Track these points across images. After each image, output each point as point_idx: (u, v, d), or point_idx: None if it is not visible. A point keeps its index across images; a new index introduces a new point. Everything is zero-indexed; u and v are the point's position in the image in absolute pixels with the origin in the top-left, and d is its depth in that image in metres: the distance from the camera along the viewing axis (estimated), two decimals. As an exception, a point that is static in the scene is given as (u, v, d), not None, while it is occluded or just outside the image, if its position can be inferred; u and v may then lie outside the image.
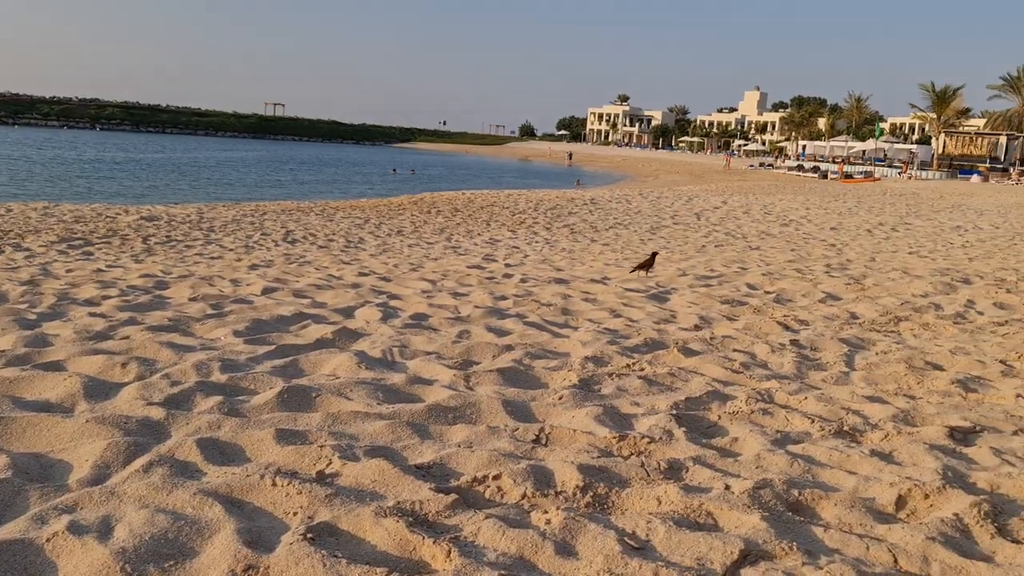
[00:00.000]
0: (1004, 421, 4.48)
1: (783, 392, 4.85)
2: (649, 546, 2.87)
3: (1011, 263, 11.79)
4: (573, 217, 18.96)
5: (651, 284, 8.82)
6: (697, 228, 17.01)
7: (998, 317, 7.44)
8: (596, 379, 4.96)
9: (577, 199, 25.60)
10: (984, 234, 16.92)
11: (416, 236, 14.28)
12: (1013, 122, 71.07)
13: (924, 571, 2.79)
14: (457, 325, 6.28)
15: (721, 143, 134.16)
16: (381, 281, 8.42)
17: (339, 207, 21.09)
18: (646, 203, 24.55)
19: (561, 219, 18.38)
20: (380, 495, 3.17)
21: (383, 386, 4.55)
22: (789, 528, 3.03)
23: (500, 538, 2.84)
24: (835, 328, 6.76)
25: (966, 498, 3.29)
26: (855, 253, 12.76)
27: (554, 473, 3.39)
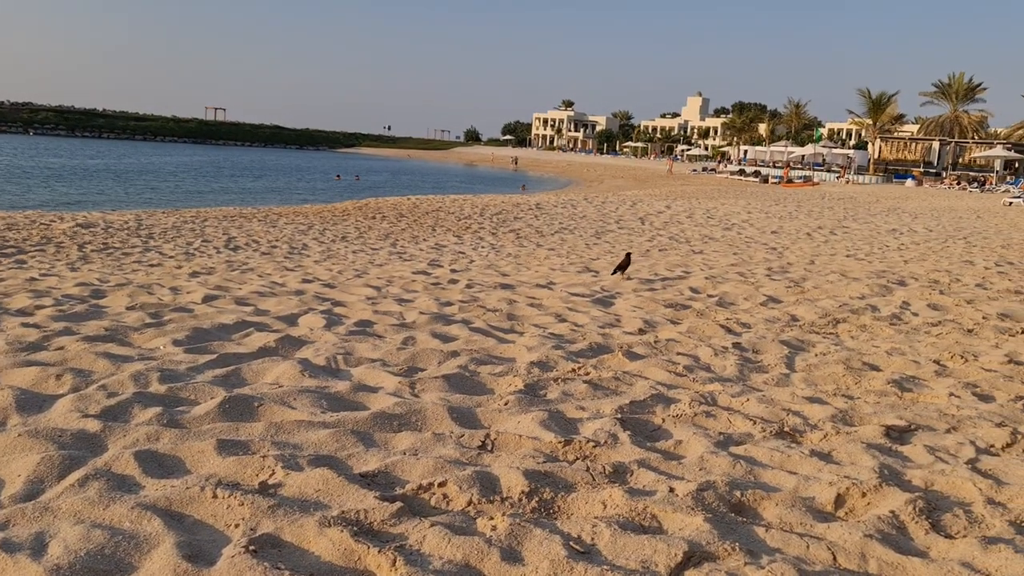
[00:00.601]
0: (938, 419, 4.60)
1: (726, 394, 4.92)
2: (594, 550, 2.89)
3: (944, 265, 12.14)
4: (519, 222, 19.01)
5: (596, 288, 8.88)
6: (641, 232, 17.19)
7: (932, 318, 7.66)
8: (542, 384, 4.97)
9: (523, 204, 25.67)
10: (918, 237, 17.40)
11: (361, 242, 14.16)
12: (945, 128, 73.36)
13: (862, 568, 2.85)
14: (402, 332, 6.25)
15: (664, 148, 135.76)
16: (325, 288, 8.33)
17: (282, 213, 20.83)
18: (591, 208, 24.73)
19: (507, 224, 18.41)
20: (324, 505, 3.13)
21: (327, 394, 4.50)
22: (732, 529, 3.07)
23: (446, 546, 2.83)
24: (776, 330, 6.88)
25: (901, 495, 3.37)
26: (795, 256, 13.01)
27: (500, 479, 3.39)
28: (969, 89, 74.84)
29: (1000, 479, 3.70)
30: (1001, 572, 2.80)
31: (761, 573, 2.72)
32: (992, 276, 10.91)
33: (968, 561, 2.88)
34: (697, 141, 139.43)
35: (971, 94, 75.06)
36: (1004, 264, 12.48)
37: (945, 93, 75.25)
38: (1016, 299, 8.95)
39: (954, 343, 6.60)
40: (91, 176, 40.68)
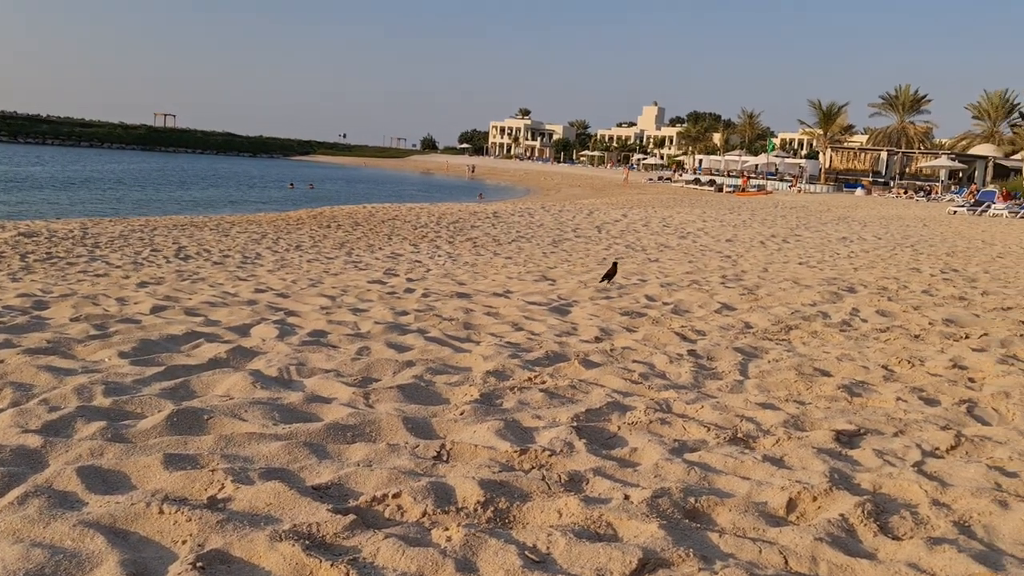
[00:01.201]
0: (886, 423, 4.68)
1: (681, 401, 4.96)
2: (550, 559, 2.88)
3: (892, 272, 12.39)
4: (476, 231, 19.00)
5: (553, 297, 8.90)
6: (598, 241, 17.28)
7: (880, 324, 7.80)
8: (498, 393, 4.95)
9: (480, 213, 25.66)
10: (868, 245, 17.74)
11: (315, 251, 14.03)
12: (892, 138, 75.08)
13: (813, 571, 2.88)
14: (357, 341, 6.19)
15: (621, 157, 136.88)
16: (278, 298, 8.23)
17: (235, 222, 20.56)
18: (548, 216, 24.81)
19: (464, 233, 18.38)
20: (275, 519, 3.08)
21: (279, 406, 4.43)
22: (686, 535, 3.09)
23: (400, 558, 2.80)
24: (730, 337, 6.95)
25: (851, 499, 3.42)
26: (749, 264, 13.18)
27: (455, 489, 3.37)
28: (915, 101, 76.73)
29: (945, 481, 3.78)
30: (946, 572, 2.85)
31: (714, 579, 2.73)
32: (938, 283, 11.16)
33: (914, 562, 2.93)
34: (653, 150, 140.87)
35: (917, 106, 76.96)
36: (949, 271, 12.78)
37: (892, 105, 77.08)
38: (960, 305, 9.16)
39: (901, 348, 6.73)
40: (34, 183, 39.72)
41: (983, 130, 72.94)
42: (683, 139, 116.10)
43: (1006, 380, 5.75)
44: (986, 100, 73.17)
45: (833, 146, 73.74)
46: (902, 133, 75.57)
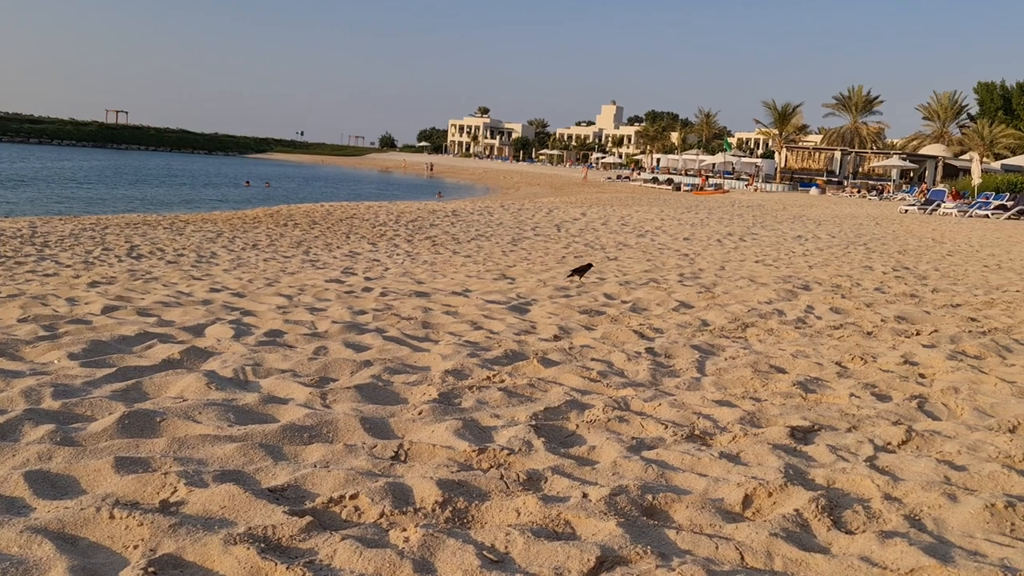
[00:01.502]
0: (839, 419, 4.75)
1: (638, 399, 4.98)
2: (508, 558, 2.87)
3: (845, 270, 12.60)
4: (435, 229, 18.93)
5: (512, 296, 8.89)
6: (557, 240, 17.32)
7: (834, 321, 7.92)
8: (456, 393, 4.94)
9: (439, 211, 25.59)
10: (822, 243, 18.02)
11: (272, 250, 13.87)
12: (846, 138, 76.44)
13: (768, 566, 2.92)
14: (314, 341, 6.13)
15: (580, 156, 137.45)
16: (234, 297, 8.11)
17: (189, 220, 20.25)
18: (507, 215, 24.82)
19: (423, 231, 18.31)
20: (230, 522, 3.03)
21: (234, 407, 4.37)
22: (644, 532, 3.10)
23: (357, 559, 2.77)
24: (687, 335, 7.01)
25: (805, 494, 3.47)
26: (706, 263, 13.31)
27: (413, 490, 3.35)
28: (868, 102, 78.16)
29: (896, 475, 3.85)
30: (897, 564, 2.90)
31: (672, 575, 2.75)
32: (890, 280, 11.38)
33: (867, 555, 2.98)
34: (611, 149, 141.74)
35: (869, 106, 78.42)
36: (900, 269, 13.04)
37: (846, 105, 78.44)
38: (911, 302, 9.35)
39: (855, 345, 6.84)
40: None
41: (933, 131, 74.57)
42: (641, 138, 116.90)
43: (955, 376, 5.87)
44: (936, 101, 74.81)
45: (788, 146, 74.80)
46: (855, 133, 76.97)
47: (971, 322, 8.07)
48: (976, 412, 4.98)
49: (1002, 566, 2.88)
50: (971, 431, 4.60)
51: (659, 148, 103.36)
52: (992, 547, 3.08)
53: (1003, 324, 8.01)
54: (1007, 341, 7.14)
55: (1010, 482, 3.78)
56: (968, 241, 19.91)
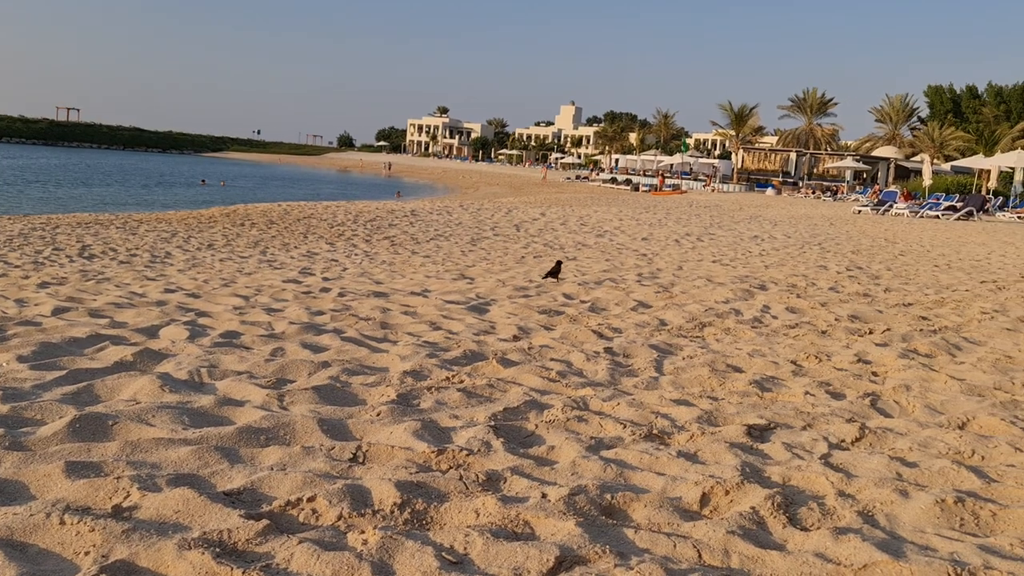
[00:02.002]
0: (795, 417, 4.82)
1: (597, 399, 5.01)
2: (467, 559, 2.87)
3: (801, 270, 12.79)
4: (394, 229, 18.83)
5: (471, 296, 8.88)
6: (516, 239, 17.34)
7: (790, 320, 8.04)
8: (415, 393, 4.91)
9: (397, 211, 25.47)
10: (778, 243, 18.27)
11: (228, 250, 13.69)
12: (801, 139, 77.64)
13: (725, 563, 2.95)
14: (271, 342, 6.06)
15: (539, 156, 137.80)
16: (189, 298, 7.99)
17: (143, 220, 19.91)
18: (467, 215, 24.78)
19: (381, 231, 18.21)
20: (184, 526, 2.98)
21: (189, 409, 4.30)
22: (603, 532, 3.12)
23: (315, 563, 2.74)
24: (646, 335, 7.06)
25: (761, 492, 3.51)
26: (664, 262, 13.41)
27: (371, 491, 3.32)
28: (822, 104, 79.48)
29: (850, 472, 3.91)
30: (850, 560, 2.95)
31: (630, 574, 2.76)
32: (844, 280, 11.57)
33: (822, 552, 3.02)
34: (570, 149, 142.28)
35: (824, 108, 79.76)
36: (854, 268, 13.27)
37: (801, 107, 79.70)
38: (864, 301, 9.52)
39: (809, 344, 6.95)
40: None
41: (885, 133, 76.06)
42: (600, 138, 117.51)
43: (907, 374, 5.99)
44: (888, 104, 76.29)
45: (745, 147, 75.74)
46: (810, 135, 78.21)
47: (922, 321, 8.24)
48: (927, 409, 5.09)
49: (952, 560, 2.94)
50: (922, 428, 4.69)
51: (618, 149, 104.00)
52: (942, 542, 3.15)
53: (953, 323, 8.19)
54: (956, 339, 7.30)
55: (959, 478, 3.87)
56: (919, 241, 20.33)
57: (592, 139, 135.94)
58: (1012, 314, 8.89)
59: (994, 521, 3.39)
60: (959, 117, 72.69)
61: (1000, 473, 3.97)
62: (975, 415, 4.92)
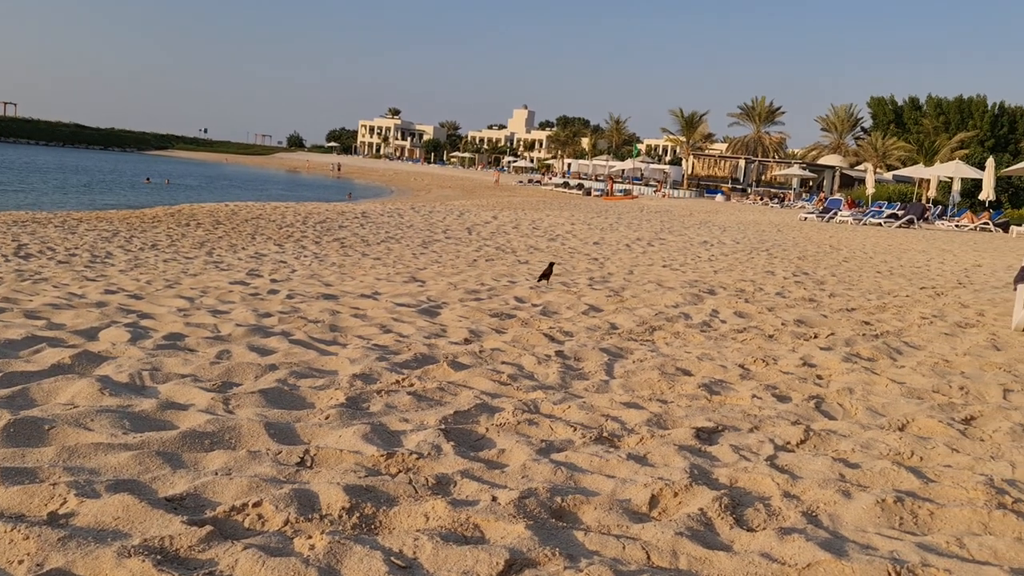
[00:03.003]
0: (742, 420, 4.88)
1: (548, 402, 5.01)
2: (416, 563, 2.84)
3: (749, 275, 12.98)
4: (344, 231, 18.66)
5: (422, 299, 8.83)
6: (468, 243, 17.30)
7: (738, 325, 8.14)
8: (364, 397, 4.86)
9: (348, 212, 25.24)
10: (727, 248, 18.52)
11: (173, 250, 13.42)
12: (750, 147, 78.92)
13: (673, 565, 2.96)
14: (216, 345, 5.94)
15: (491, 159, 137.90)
16: (131, 299, 7.81)
17: (83, 218, 19.43)
18: (418, 217, 24.67)
19: (331, 233, 18.02)
20: (124, 533, 2.90)
21: (130, 413, 4.20)
22: (552, 535, 3.11)
23: (260, 569, 2.69)
24: (597, 338, 7.09)
25: (709, 493, 3.54)
26: (615, 267, 13.50)
27: (319, 496, 3.28)
28: (770, 112, 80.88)
29: (795, 473, 3.97)
30: (795, 560, 2.99)
31: (579, 577, 2.76)
32: (790, 285, 11.77)
33: (767, 552, 3.06)
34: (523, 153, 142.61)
35: (772, 117, 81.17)
36: (800, 274, 13.51)
37: (749, 115, 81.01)
38: (810, 306, 9.69)
39: (757, 348, 7.04)
40: None
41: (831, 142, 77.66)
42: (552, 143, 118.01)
43: (850, 377, 6.11)
44: (833, 114, 77.95)
45: (695, 153, 76.77)
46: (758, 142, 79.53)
47: (865, 325, 8.42)
48: (869, 412, 5.19)
49: (891, 558, 3.00)
50: (864, 430, 4.78)
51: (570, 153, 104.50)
52: (883, 540, 3.21)
53: (894, 327, 8.38)
54: (897, 343, 7.47)
55: (899, 478, 3.95)
56: (863, 248, 20.78)
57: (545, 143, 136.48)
58: (949, 319, 9.13)
59: (931, 520, 3.47)
60: (901, 127, 74.56)
61: (938, 473, 4.06)
62: (914, 417, 5.04)
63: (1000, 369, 6.61)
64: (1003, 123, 72.69)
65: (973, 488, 3.80)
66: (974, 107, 73.17)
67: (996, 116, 72.97)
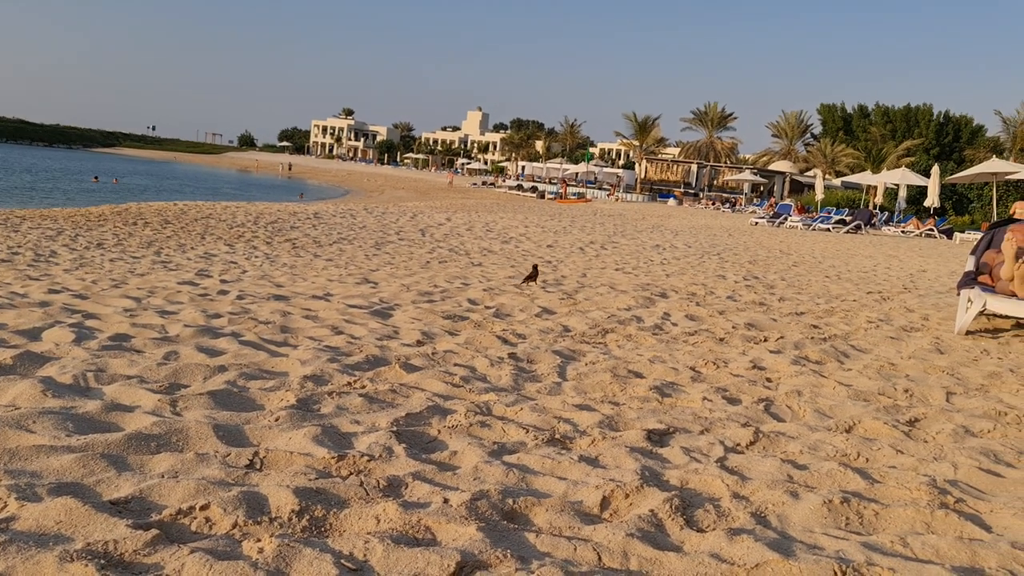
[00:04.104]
0: (693, 422, 4.93)
1: (501, 404, 5.01)
2: (367, 566, 2.82)
3: (700, 279, 13.13)
4: (296, 231, 18.45)
5: (375, 300, 8.77)
6: (422, 244, 17.24)
7: (689, 328, 8.23)
8: (315, 398, 4.81)
9: (300, 213, 24.98)
10: (679, 252, 18.71)
11: (120, 250, 13.15)
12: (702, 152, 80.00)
13: (624, 566, 2.98)
14: (164, 346, 5.84)
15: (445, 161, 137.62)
16: (76, 299, 7.63)
17: (26, 216, 18.94)
18: (371, 218, 24.51)
19: (283, 233, 17.81)
20: (67, 537, 2.83)
21: (74, 415, 4.10)
22: (504, 536, 3.11)
23: (207, 573, 2.64)
24: (549, 341, 7.11)
25: (660, 495, 3.57)
26: (569, 269, 13.56)
27: (268, 498, 3.23)
28: (722, 118, 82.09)
29: (744, 475, 4.03)
30: (743, 560, 3.03)
31: (531, 579, 2.76)
32: (741, 289, 11.93)
33: (716, 552, 3.09)
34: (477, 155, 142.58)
35: (724, 122, 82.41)
36: (751, 278, 13.70)
37: (702, 120, 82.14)
38: (760, 310, 9.83)
39: (708, 351, 7.13)
40: None
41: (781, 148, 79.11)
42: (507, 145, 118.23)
43: (798, 380, 6.22)
44: (784, 120, 79.39)
45: (648, 157, 77.55)
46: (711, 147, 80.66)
47: (813, 329, 8.57)
48: (817, 414, 5.28)
49: (838, 558, 3.05)
50: (812, 432, 4.87)
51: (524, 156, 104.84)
52: (829, 540, 3.27)
53: (841, 331, 8.55)
54: (845, 347, 7.62)
55: (846, 479, 4.03)
56: (812, 253, 21.16)
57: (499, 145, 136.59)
58: (895, 323, 9.34)
59: (876, 520, 3.55)
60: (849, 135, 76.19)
61: (883, 474, 4.15)
62: (860, 419, 5.14)
63: (943, 372, 6.78)
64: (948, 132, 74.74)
65: (917, 488, 3.90)
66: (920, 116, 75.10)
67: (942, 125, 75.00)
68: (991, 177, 32.10)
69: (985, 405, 5.72)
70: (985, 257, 9.35)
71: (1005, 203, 39.68)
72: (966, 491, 3.97)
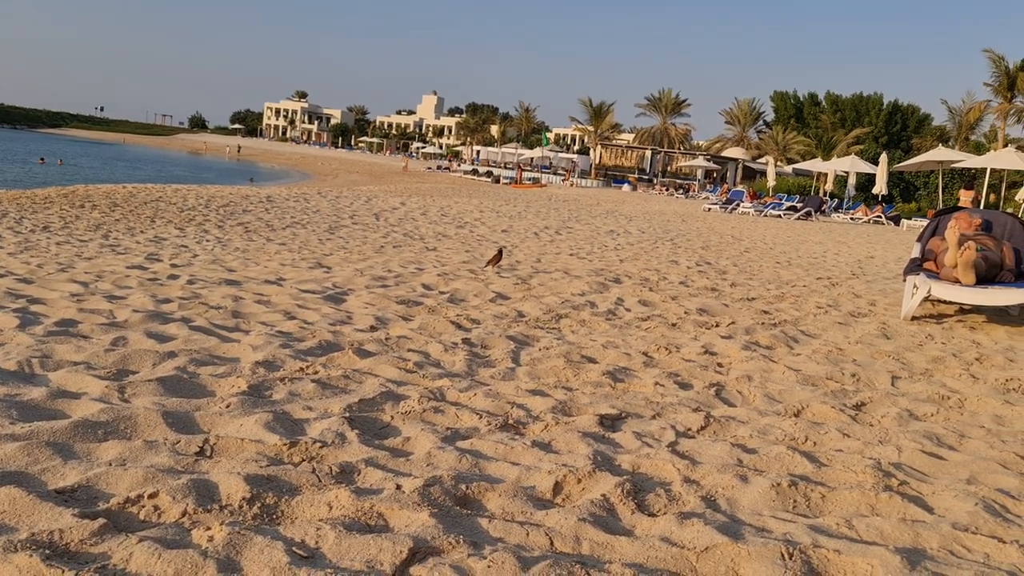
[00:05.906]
0: (645, 407, 4.99)
1: (454, 389, 5.01)
2: (319, 553, 2.81)
3: (653, 264, 13.24)
4: (248, 215, 18.19)
5: (328, 285, 8.70)
6: (376, 229, 17.11)
7: (642, 313, 8.31)
8: (267, 384, 4.77)
9: (252, 197, 24.62)
10: (632, 238, 18.84)
11: (66, 233, 12.84)
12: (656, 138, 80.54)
13: (576, 550, 3.01)
14: (112, 331, 5.73)
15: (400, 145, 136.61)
16: (20, 283, 7.44)
17: (-30, 198, 18.39)
18: (325, 202, 24.26)
19: (235, 217, 17.55)
20: (10, 527, 2.78)
21: (18, 402, 4.01)
22: (457, 522, 3.12)
23: (156, 562, 2.61)
24: (504, 326, 7.12)
25: (612, 479, 3.61)
26: (523, 255, 13.57)
27: (219, 486, 3.20)
28: (676, 104, 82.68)
29: (695, 459, 4.09)
30: (693, 543, 3.08)
31: (483, 564, 2.78)
32: (693, 275, 12.06)
33: (667, 536, 3.14)
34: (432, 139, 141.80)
35: (678, 108, 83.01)
36: (703, 264, 13.86)
37: (656, 106, 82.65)
38: (712, 295, 9.96)
39: (660, 336, 7.20)
40: None
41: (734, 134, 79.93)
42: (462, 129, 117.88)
43: (749, 365, 6.32)
44: (737, 107, 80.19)
45: (603, 143, 77.80)
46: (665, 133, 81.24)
47: (764, 314, 8.71)
48: (766, 398, 5.38)
49: (785, 540, 3.12)
50: (762, 416, 4.96)
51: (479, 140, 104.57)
52: (777, 523, 3.34)
53: (791, 316, 8.70)
54: (794, 332, 7.76)
55: (794, 462, 4.11)
56: (763, 239, 21.45)
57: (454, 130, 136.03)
58: (843, 309, 9.53)
59: (823, 502, 3.63)
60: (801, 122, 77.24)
61: (830, 458, 4.24)
62: (809, 403, 5.25)
63: (889, 357, 6.94)
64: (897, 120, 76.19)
65: (862, 471, 3.99)
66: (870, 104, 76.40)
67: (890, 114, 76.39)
68: (937, 165, 32.81)
69: (929, 389, 5.87)
70: (930, 244, 9.58)
71: (951, 191, 40.69)
72: (910, 474, 4.08)
